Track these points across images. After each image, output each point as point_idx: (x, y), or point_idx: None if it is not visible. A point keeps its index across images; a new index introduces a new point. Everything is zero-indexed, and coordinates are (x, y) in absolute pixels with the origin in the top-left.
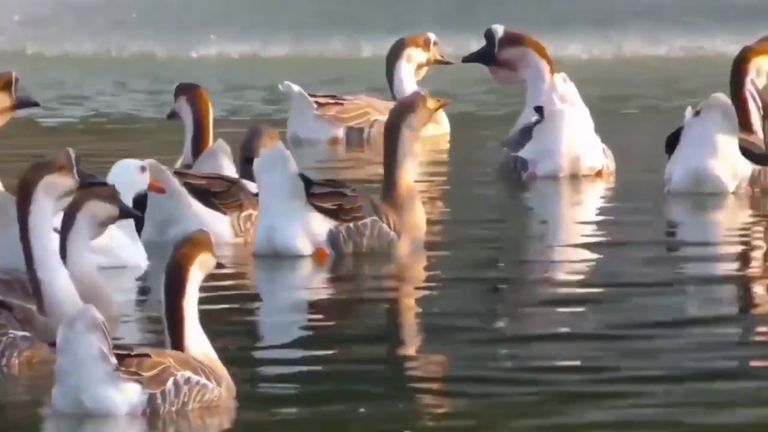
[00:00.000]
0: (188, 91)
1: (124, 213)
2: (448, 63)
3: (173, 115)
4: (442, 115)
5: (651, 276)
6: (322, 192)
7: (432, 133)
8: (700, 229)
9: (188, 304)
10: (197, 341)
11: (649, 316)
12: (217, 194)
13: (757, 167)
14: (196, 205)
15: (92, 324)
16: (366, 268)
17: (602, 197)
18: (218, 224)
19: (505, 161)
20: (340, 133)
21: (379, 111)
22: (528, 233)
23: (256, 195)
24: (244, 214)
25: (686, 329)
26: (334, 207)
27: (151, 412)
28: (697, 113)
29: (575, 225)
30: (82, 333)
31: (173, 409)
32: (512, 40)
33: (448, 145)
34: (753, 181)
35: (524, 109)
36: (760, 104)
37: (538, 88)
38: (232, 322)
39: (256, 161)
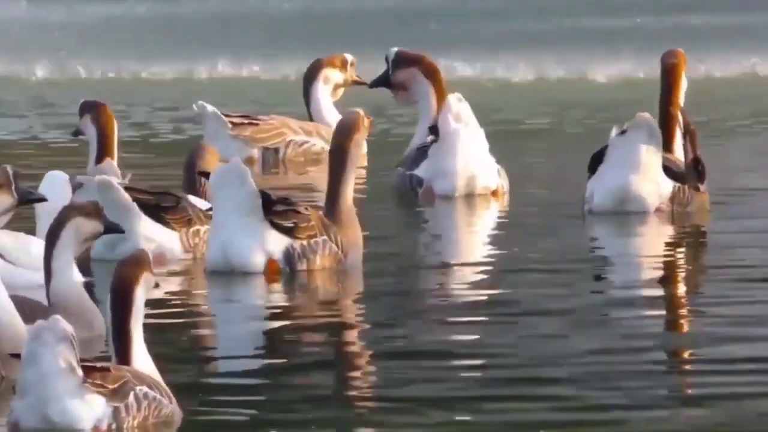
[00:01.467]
0: (93, 109)
1: (108, 229)
2: (364, 83)
3: (78, 133)
4: None
5: (546, 299)
6: (280, 210)
7: None
8: (617, 247)
9: (135, 323)
10: (143, 360)
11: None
12: (167, 209)
13: (677, 185)
14: (146, 221)
15: (61, 336)
16: (317, 287)
17: (497, 216)
18: (168, 240)
19: (400, 180)
20: (256, 153)
21: (294, 131)
22: (423, 249)
23: (207, 210)
24: (192, 229)
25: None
26: (291, 225)
27: (116, 427)
28: (622, 132)
29: (469, 242)
30: (50, 345)
31: (135, 423)
32: (403, 61)
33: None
34: (673, 199)
35: (417, 129)
36: (681, 123)
37: (426, 109)
38: (183, 343)
39: (212, 176)
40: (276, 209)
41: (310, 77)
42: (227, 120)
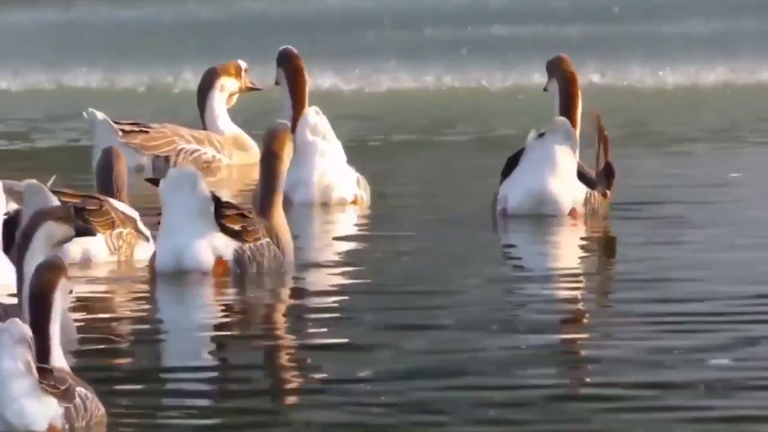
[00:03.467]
0: None
1: (79, 232)
2: (258, 90)
3: None
4: (251, 143)
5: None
6: (230, 213)
7: (240, 162)
8: (530, 251)
9: (54, 327)
10: (60, 360)
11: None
12: (91, 212)
13: (589, 190)
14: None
15: (19, 338)
16: (264, 291)
17: (356, 224)
18: (94, 243)
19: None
20: (146, 161)
21: (185, 139)
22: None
23: (127, 213)
24: (115, 232)
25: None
26: (240, 228)
27: (69, 427)
28: (540, 135)
29: (322, 246)
30: (7, 347)
31: (83, 423)
32: (279, 60)
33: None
34: (585, 203)
35: None
36: (597, 129)
37: (286, 112)
38: (120, 347)
39: (164, 181)
40: (226, 213)
41: (206, 86)
42: (117, 128)
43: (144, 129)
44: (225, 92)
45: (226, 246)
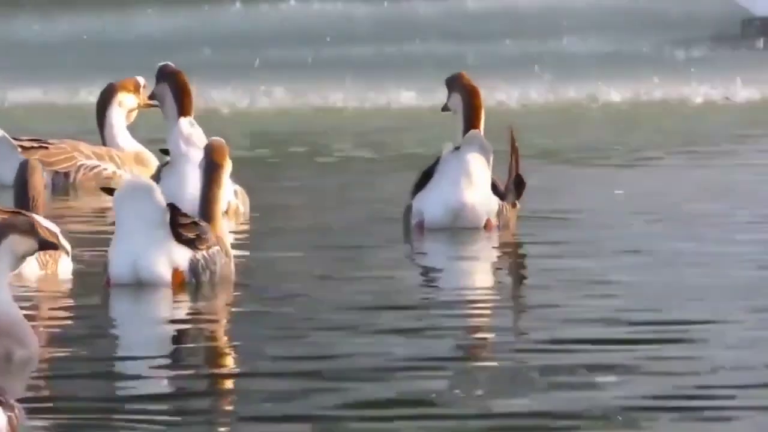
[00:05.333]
0: None
1: (42, 245)
2: (156, 106)
3: None
4: (152, 159)
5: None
6: (185, 222)
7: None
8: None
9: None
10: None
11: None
12: None
13: (501, 202)
14: None
15: None
16: (214, 299)
17: (233, 235)
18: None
19: None
20: (45, 177)
21: (86, 155)
22: None
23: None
24: None
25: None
26: (194, 236)
27: None
28: (456, 149)
29: None
30: None
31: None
32: (160, 76)
33: None
34: (498, 214)
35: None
36: (510, 143)
37: (171, 127)
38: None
39: (118, 191)
40: (181, 222)
41: (104, 102)
42: (17, 143)
43: (43, 145)
44: (124, 108)
45: (182, 256)
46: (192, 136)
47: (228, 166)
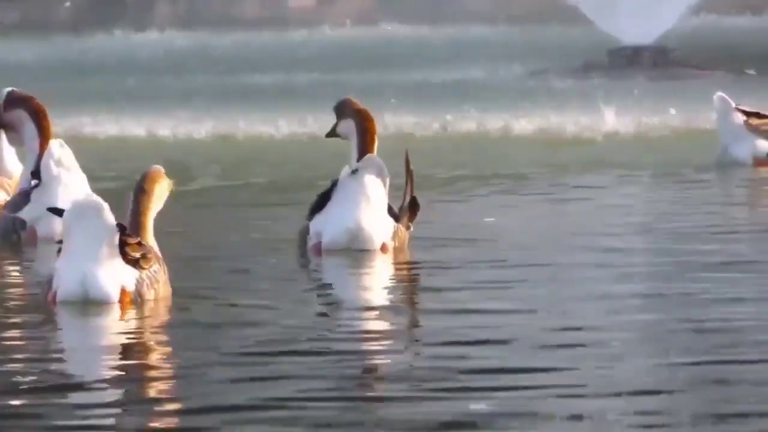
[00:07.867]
0: None
1: None
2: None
3: None
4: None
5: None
6: (131, 242)
7: None
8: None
9: None
10: None
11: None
12: None
13: (396, 224)
14: None
15: None
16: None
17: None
18: None
19: (4, 223)
20: None
21: None
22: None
23: None
24: None
25: None
26: (140, 256)
27: None
28: (354, 172)
29: None
30: None
31: None
32: (11, 101)
33: None
34: (394, 236)
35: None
36: (405, 165)
37: (32, 152)
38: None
39: (68, 210)
40: (128, 241)
41: None
42: None
43: None
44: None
45: (129, 275)
46: (63, 158)
47: (158, 190)
